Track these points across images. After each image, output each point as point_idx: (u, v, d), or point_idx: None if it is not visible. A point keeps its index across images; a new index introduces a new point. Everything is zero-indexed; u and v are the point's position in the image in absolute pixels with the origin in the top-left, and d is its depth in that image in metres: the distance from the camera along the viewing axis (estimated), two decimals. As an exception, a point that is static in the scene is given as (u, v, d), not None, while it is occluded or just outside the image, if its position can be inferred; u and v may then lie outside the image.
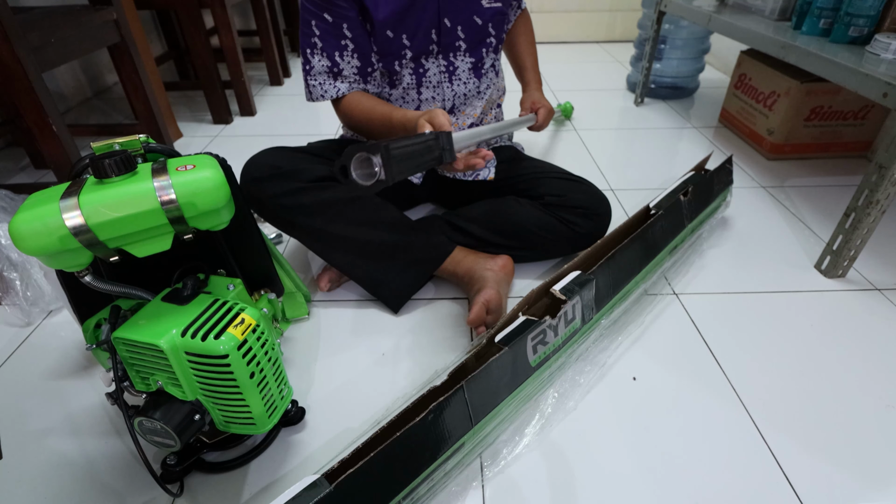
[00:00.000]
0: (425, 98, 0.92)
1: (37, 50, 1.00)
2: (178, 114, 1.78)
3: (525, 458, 0.64)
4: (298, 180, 0.81)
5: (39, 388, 0.75)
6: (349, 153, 0.57)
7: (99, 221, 0.44)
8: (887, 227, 1.08)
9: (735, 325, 0.84)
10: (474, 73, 0.94)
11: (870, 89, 0.83)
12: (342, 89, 0.87)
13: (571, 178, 0.97)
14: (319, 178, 0.83)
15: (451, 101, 0.94)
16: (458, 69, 0.92)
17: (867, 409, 0.70)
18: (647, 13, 1.86)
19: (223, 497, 0.60)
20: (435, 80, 0.91)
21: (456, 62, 0.91)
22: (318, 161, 0.86)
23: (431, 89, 0.92)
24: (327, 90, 0.86)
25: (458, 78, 0.93)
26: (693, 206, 0.93)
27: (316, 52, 0.84)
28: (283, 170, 0.82)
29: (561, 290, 0.69)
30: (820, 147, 1.38)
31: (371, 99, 0.87)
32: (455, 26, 0.88)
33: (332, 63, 0.84)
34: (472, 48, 0.91)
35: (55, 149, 1.06)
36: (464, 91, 0.94)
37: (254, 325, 0.53)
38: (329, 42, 0.83)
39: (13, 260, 0.86)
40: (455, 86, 0.93)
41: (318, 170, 0.83)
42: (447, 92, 0.93)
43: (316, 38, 0.83)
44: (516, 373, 0.64)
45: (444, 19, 0.86)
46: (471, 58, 0.92)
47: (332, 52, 0.84)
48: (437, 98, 0.93)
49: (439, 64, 0.91)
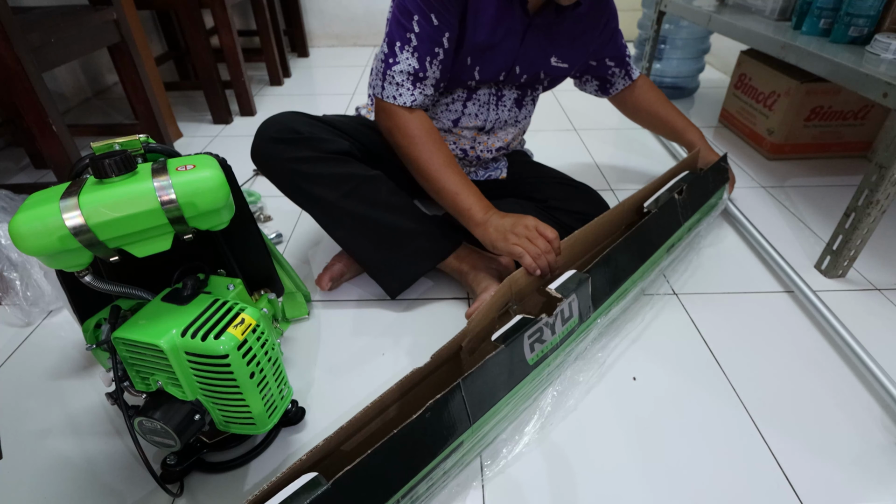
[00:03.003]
0: (469, 113, 0.92)
1: (37, 50, 1.00)
2: (178, 114, 1.78)
3: (525, 457, 0.64)
4: (317, 150, 0.80)
5: (39, 388, 0.75)
6: None
7: (99, 221, 0.44)
8: (887, 227, 1.08)
9: (735, 325, 0.84)
10: (517, 103, 0.95)
11: (870, 89, 0.83)
12: (418, 100, 0.80)
13: (574, 184, 1.01)
14: (339, 151, 0.81)
15: (492, 123, 0.94)
16: (505, 97, 0.92)
17: (867, 409, 0.70)
18: (647, 13, 1.86)
19: (223, 497, 0.60)
20: (483, 100, 0.91)
21: (504, 91, 0.91)
22: (338, 134, 0.84)
23: (477, 107, 0.91)
24: (402, 94, 0.79)
25: (503, 105, 0.93)
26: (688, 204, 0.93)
27: (406, 49, 0.77)
28: (303, 135, 0.79)
29: (557, 289, 0.69)
30: (820, 147, 1.38)
31: (444, 148, 0.82)
32: (523, 74, 0.88)
33: (421, 67, 0.78)
34: (522, 86, 0.92)
35: (55, 149, 1.06)
36: (505, 118, 0.95)
37: (254, 325, 0.53)
38: (425, 45, 0.77)
39: (13, 260, 0.86)
40: (499, 111, 0.93)
41: (338, 143, 0.82)
42: (490, 115, 0.92)
43: (413, 34, 0.76)
44: (514, 371, 0.64)
45: (516, 66, 0.86)
46: (517, 92, 0.93)
47: (425, 56, 0.77)
48: (479, 116, 0.92)
49: (490, 89, 0.90)
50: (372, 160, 0.88)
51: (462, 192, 0.79)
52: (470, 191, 0.80)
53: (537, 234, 0.74)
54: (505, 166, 1.04)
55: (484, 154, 0.97)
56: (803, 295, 0.86)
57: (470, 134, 0.94)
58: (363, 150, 0.88)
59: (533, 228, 0.75)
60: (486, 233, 0.77)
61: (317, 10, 2.56)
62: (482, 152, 0.97)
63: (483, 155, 0.98)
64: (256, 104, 1.84)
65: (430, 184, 0.80)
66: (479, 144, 0.96)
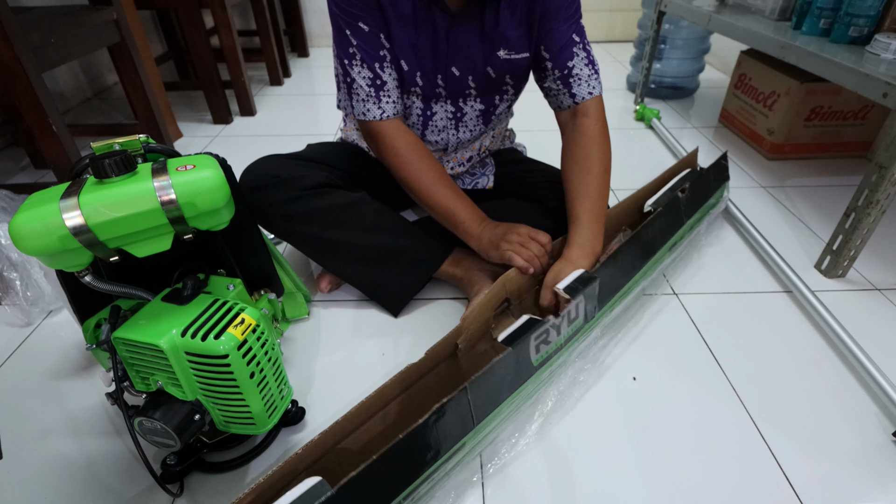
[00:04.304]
0: (428, 140, 0.90)
1: (37, 50, 1.00)
2: (178, 114, 1.78)
3: (525, 456, 0.64)
4: (295, 188, 0.81)
5: (39, 388, 0.75)
6: None
7: (99, 221, 0.44)
8: (887, 227, 1.08)
9: (735, 325, 0.84)
10: (482, 118, 0.88)
11: (870, 89, 0.83)
12: (388, 111, 0.78)
13: None
14: (316, 185, 0.82)
15: (454, 145, 0.91)
16: (466, 115, 0.87)
17: (867, 410, 0.70)
18: (647, 13, 1.86)
19: (223, 497, 0.60)
20: (441, 125, 0.87)
21: (465, 108, 0.86)
22: (314, 167, 0.85)
23: (436, 133, 0.89)
24: (370, 108, 0.78)
25: (464, 125, 0.88)
26: (691, 202, 0.93)
27: (355, 63, 0.76)
28: (280, 178, 0.81)
29: (565, 289, 0.69)
30: (820, 147, 1.38)
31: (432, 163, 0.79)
32: (465, 76, 0.81)
33: (374, 74, 0.77)
34: (483, 94, 0.85)
35: (55, 149, 1.06)
36: (468, 137, 0.91)
37: (254, 325, 0.53)
38: (368, 52, 0.76)
39: (13, 260, 0.86)
40: (460, 132, 0.89)
41: (315, 176, 0.83)
42: (451, 138, 0.90)
43: (353, 47, 0.75)
44: (519, 373, 0.64)
45: (452, 68, 0.80)
46: (481, 104, 0.86)
47: (373, 62, 0.76)
48: (439, 143, 0.90)
49: (447, 109, 0.85)
50: (355, 182, 0.89)
51: (455, 206, 0.79)
52: (463, 205, 0.80)
53: (529, 238, 0.75)
54: (492, 172, 1.00)
55: (457, 169, 0.96)
56: (803, 295, 0.86)
57: (437, 153, 0.93)
58: (345, 175, 0.89)
59: (525, 235, 0.76)
60: (481, 244, 0.79)
61: (317, 10, 2.56)
62: (454, 167, 0.96)
63: (456, 170, 0.96)
64: (256, 104, 1.85)
65: (424, 201, 0.81)
66: (447, 162, 0.95)
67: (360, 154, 0.97)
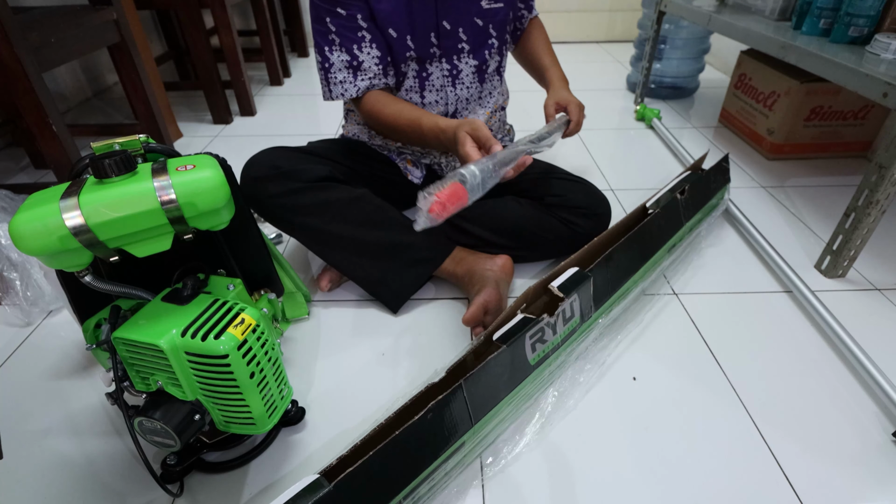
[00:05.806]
0: (428, 101, 0.92)
1: (37, 50, 1.00)
2: (178, 114, 1.78)
3: (525, 457, 0.64)
4: (298, 180, 0.81)
5: (39, 388, 0.75)
6: None
7: (99, 221, 0.44)
8: (887, 227, 1.08)
9: (735, 325, 0.84)
10: (478, 76, 0.93)
11: (870, 89, 0.83)
12: (361, 87, 0.84)
13: (571, 178, 0.98)
14: (319, 178, 0.83)
15: (454, 104, 0.94)
16: (462, 73, 0.91)
17: (867, 410, 0.70)
18: (647, 13, 1.86)
19: (223, 497, 0.60)
20: (438, 83, 0.91)
21: (460, 65, 0.90)
22: (318, 161, 0.86)
23: (434, 93, 0.91)
24: (347, 88, 0.84)
25: (461, 82, 0.92)
26: (690, 204, 0.93)
27: (334, 49, 0.82)
28: (282, 169, 0.81)
29: (559, 288, 0.69)
30: (820, 147, 1.38)
31: (397, 101, 0.85)
32: (456, 29, 0.86)
33: (352, 56, 0.82)
34: (475, 50, 0.90)
35: (55, 149, 1.06)
36: (466, 95, 0.94)
37: (254, 325, 0.53)
38: (346, 36, 0.81)
39: (13, 260, 0.86)
40: (458, 90, 0.92)
41: (318, 170, 0.83)
42: (450, 96, 0.92)
43: (332, 34, 0.81)
44: (515, 371, 0.64)
45: (444, 21, 0.85)
46: (474, 60, 0.91)
47: (350, 45, 0.81)
48: (439, 102, 0.92)
49: (442, 68, 0.89)
50: (357, 179, 0.89)
51: (423, 116, 0.80)
52: (427, 114, 0.81)
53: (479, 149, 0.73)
54: None
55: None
56: (803, 295, 0.86)
57: None
58: (347, 171, 0.89)
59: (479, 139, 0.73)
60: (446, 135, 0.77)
61: (317, 10, 2.56)
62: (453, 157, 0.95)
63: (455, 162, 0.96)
64: (256, 104, 1.85)
65: (410, 130, 0.81)
66: None
67: (361, 149, 0.97)
